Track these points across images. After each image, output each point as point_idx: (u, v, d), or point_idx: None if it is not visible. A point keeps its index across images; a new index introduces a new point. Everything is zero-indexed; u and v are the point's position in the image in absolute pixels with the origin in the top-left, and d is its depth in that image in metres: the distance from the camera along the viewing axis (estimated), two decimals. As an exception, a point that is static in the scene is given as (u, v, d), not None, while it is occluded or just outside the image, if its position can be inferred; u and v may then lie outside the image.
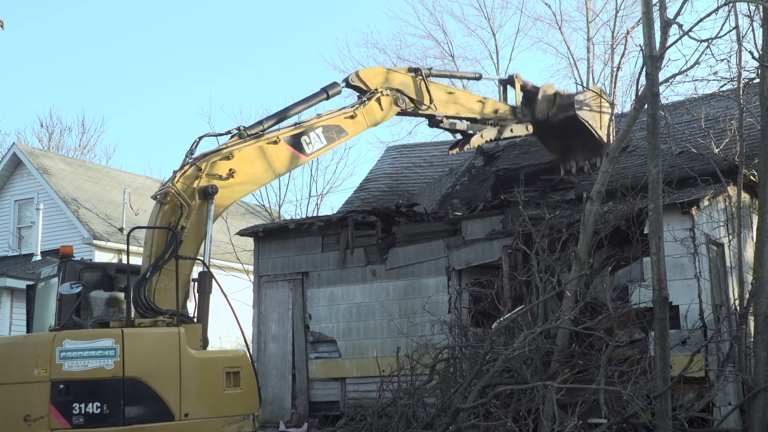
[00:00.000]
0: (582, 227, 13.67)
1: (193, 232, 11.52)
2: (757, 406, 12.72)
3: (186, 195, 11.45)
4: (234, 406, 10.74)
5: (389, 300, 16.76)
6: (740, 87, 15.44)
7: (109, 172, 34.67)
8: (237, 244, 24.51)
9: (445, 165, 23.03)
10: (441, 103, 15.59)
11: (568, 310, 13.16)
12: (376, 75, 14.84)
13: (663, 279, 12.08)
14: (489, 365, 12.61)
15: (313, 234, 17.79)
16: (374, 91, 14.41)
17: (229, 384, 10.73)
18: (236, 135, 12.51)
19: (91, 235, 26.47)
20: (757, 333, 12.97)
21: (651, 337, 12.93)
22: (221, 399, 10.62)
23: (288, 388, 17.48)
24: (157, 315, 10.74)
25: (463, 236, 16.30)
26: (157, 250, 11.23)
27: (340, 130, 13.77)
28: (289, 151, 12.96)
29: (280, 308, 17.89)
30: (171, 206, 11.46)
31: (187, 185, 11.56)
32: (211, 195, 11.61)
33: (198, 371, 10.48)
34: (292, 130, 13.13)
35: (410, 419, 13.18)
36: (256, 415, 11.19)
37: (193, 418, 10.22)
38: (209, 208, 11.61)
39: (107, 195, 30.59)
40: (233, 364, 11.00)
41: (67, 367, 9.80)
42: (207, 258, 11.49)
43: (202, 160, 11.81)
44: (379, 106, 14.44)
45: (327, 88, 14.12)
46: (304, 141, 13.19)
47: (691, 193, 14.39)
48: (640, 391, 12.00)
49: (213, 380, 10.63)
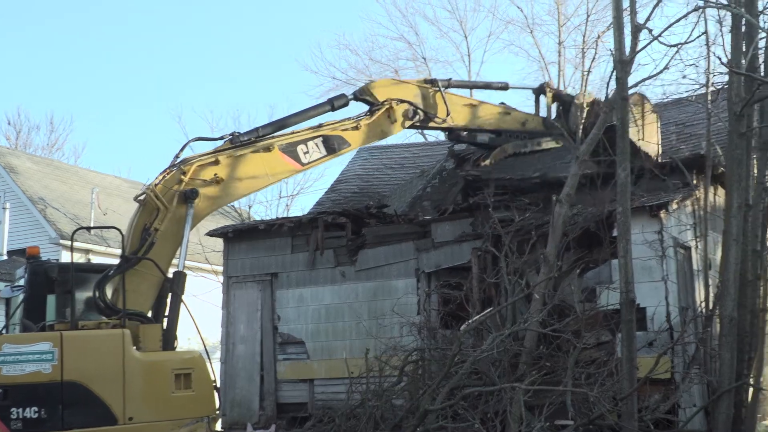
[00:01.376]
0: (551, 230, 13.72)
1: (169, 235, 11.34)
2: (721, 407, 12.83)
3: (166, 198, 11.31)
4: (185, 408, 10.53)
5: (358, 301, 16.74)
6: (708, 92, 15.58)
7: (77, 172, 34.42)
8: (206, 245, 24.34)
9: (416, 167, 23.02)
10: (460, 115, 15.06)
11: (536, 312, 13.21)
12: (387, 87, 14.47)
13: (630, 281, 12.17)
14: (457, 367, 12.62)
15: (283, 235, 17.72)
16: (382, 103, 14.01)
17: (179, 386, 10.53)
18: (229, 140, 12.29)
19: (58, 234, 26.23)
20: (722, 335, 13.07)
21: (618, 339, 13.00)
22: (170, 402, 10.43)
23: (256, 390, 17.40)
24: (116, 314, 10.59)
25: (432, 238, 16.30)
26: (130, 252, 11.10)
27: (342, 141, 13.44)
28: (282, 160, 12.68)
29: (249, 309, 17.81)
30: (149, 208, 11.33)
31: (168, 188, 11.41)
32: (191, 199, 11.43)
33: (143, 373, 10.30)
34: (288, 138, 12.86)
35: (378, 421, 13.15)
36: (213, 417, 11.02)
37: (138, 422, 10.06)
38: (188, 212, 11.45)
39: (75, 194, 30.35)
40: (184, 365, 10.76)
41: (6, 371, 9.68)
42: (182, 261, 11.35)
43: (186, 164, 11.67)
44: (387, 118, 14.04)
45: (333, 99, 13.88)
46: (300, 150, 12.88)
47: (660, 196, 14.49)
48: (607, 393, 12.06)
49: (160, 383, 10.43)
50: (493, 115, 15.69)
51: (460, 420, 12.21)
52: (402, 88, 14.57)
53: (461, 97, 15.77)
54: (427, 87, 14.75)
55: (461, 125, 15.21)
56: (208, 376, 11.04)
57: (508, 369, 13.04)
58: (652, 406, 12.77)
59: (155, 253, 11.11)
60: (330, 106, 13.76)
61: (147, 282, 11.08)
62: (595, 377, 12.40)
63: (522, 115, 16.06)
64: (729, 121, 13.68)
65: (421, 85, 14.80)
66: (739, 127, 13.35)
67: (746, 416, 13.47)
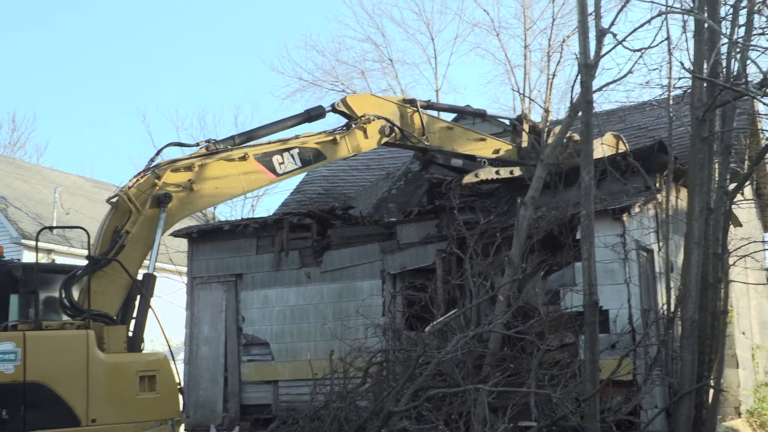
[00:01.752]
0: (515, 232, 13.80)
1: (140, 238, 11.26)
2: (682, 408, 12.96)
3: (138, 201, 11.26)
4: (149, 411, 10.43)
5: (323, 303, 16.72)
6: (670, 96, 15.75)
7: (39, 171, 34.05)
8: (170, 245, 24.18)
9: (382, 169, 23.08)
10: (435, 137, 15.10)
11: (500, 314, 13.29)
12: (365, 102, 14.43)
13: (594, 284, 12.26)
14: (422, 368, 12.66)
15: (248, 236, 17.66)
16: (360, 118, 14.00)
17: (144, 388, 10.43)
18: (204, 147, 12.24)
19: (20, 234, 25.91)
20: (683, 337, 13.21)
21: (581, 341, 13.10)
22: (134, 404, 10.32)
23: (220, 391, 17.32)
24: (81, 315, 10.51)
25: (398, 240, 16.33)
26: (100, 253, 11.03)
27: (318, 154, 13.39)
28: (257, 169, 12.61)
29: (213, 310, 17.73)
30: (121, 210, 11.28)
31: (142, 191, 11.36)
32: (164, 203, 11.37)
33: (107, 375, 10.19)
34: (265, 148, 12.80)
35: (342, 422, 13.16)
36: (177, 420, 10.97)
37: (102, 424, 9.95)
38: (160, 216, 11.39)
39: (38, 194, 30.02)
40: (148, 367, 10.64)
41: None
42: (152, 264, 11.30)
43: (161, 169, 11.63)
44: (363, 134, 14.01)
45: (310, 110, 13.82)
46: (276, 161, 12.80)
47: (623, 199, 14.62)
48: (570, 394, 12.17)
49: (124, 384, 10.33)
50: (468, 140, 15.73)
51: (425, 421, 12.26)
52: (380, 105, 14.58)
53: (438, 119, 15.84)
54: (406, 106, 14.81)
55: (436, 146, 15.24)
56: (172, 378, 10.97)
57: (473, 370, 13.11)
58: (615, 407, 12.89)
59: (125, 256, 11.04)
60: (307, 117, 13.75)
61: (115, 284, 11.01)
62: (558, 379, 12.50)
63: (497, 143, 16.09)
64: (691, 125, 13.82)
65: (399, 104, 14.85)
66: (702, 131, 13.50)
67: (706, 417, 13.63)
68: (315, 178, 24.07)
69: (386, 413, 12.30)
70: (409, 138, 14.75)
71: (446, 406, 12.52)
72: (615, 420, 12.59)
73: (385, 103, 14.75)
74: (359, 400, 13.76)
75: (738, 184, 15.23)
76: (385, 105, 14.64)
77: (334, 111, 14.12)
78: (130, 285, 11.13)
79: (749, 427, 18.03)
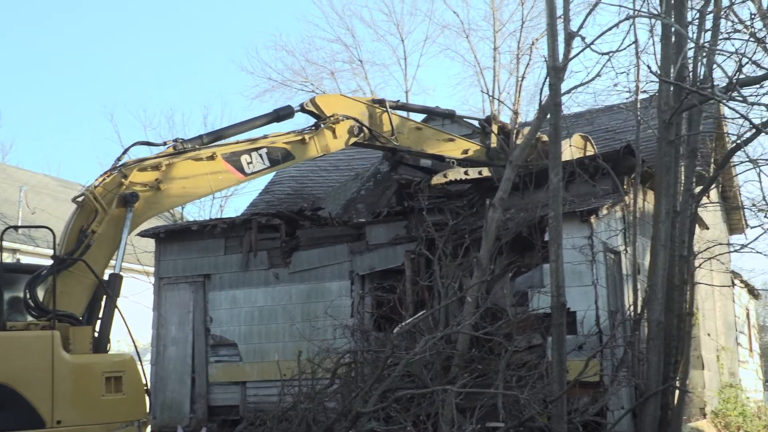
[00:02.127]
0: (484, 234, 13.84)
1: (106, 238, 11.13)
2: (648, 409, 13.07)
3: (105, 201, 11.16)
4: (115, 412, 10.30)
5: (292, 303, 16.69)
6: (637, 100, 15.87)
7: (5, 169, 33.71)
8: (138, 245, 23.96)
9: (351, 169, 23.07)
10: (404, 137, 15.09)
11: (469, 315, 13.32)
12: (334, 102, 14.37)
13: (561, 285, 12.32)
14: (390, 369, 12.66)
15: (216, 236, 17.58)
16: (328, 118, 13.94)
17: (110, 389, 10.29)
18: (172, 146, 12.14)
19: (-16, 233, 25.58)
20: (650, 339, 13.31)
21: (549, 343, 13.16)
22: (99, 405, 10.17)
23: (187, 392, 17.22)
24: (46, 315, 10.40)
25: (366, 241, 16.33)
26: (66, 253, 10.92)
27: (286, 154, 13.29)
28: (225, 168, 12.49)
29: (181, 311, 17.63)
30: (87, 210, 11.18)
31: (108, 191, 11.25)
32: (130, 203, 11.26)
33: (73, 376, 10.04)
34: (233, 148, 12.70)
35: (311, 423, 13.13)
36: (144, 421, 10.89)
37: (67, 425, 9.81)
38: (127, 215, 11.27)
39: (2, 192, 29.71)
40: (114, 368, 10.49)
41: None
42: (119, 264, 11.20)
43: (127, 168, 11.53)
44: (332, 134, 13.96)
45: (279, 110, 13.72)
46: (244, 160, 12.70)
47: (590, 202, 14.71)
48: (537, 396, 12.21)
49: (90, 385, 10.18)
50: (438, 141, 15.73)
51: (393, 422, 12.26)
52: (350, 105, 14.54)
53: (407, 120, 15.82)
54: (375, 107, 14.79)
55: (405, 147, 15.21)
56: (139, 379, 10.86)
57: (441, 371, 13.13)
58: (582, 408, 12.96)
59: (91, 256, 10.93)
60: (275, 117, 13.67)
61: (81, 284, 10.90)
62: (526, 380, 12.55)
63: (465, 144, 16.09)
64: (658, 129, 13.93)
65: (369, 104, 14.83)
66: (668, 135, 13.62)
67: (672, 418, 13.75)
68: (284, 179, 24.01)
69: (354, 414, 12.29)
70: (378, 138, 14.72)
71: (414, 407, 12.53)
72: (582, 421, 12.67)
73: (355, 103, 14.72)
74: (327, 401, 13.74)
75: (704, 187, 15.39)
76: (354, 105, 14.60)
77: (303, 111, 14.07)
78: (96, 285, 11.01)
79: (714, 427, 18.22)
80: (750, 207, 18.72)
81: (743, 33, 13.76)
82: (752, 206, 18.18)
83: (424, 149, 15.55)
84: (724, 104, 15.15)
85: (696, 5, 14.18)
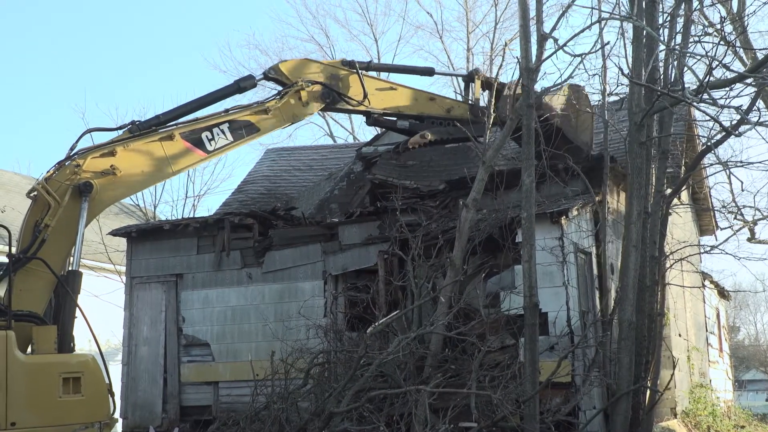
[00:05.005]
0: (457, 234, 13.87)
1: (62, 232, 10.82)
2: (619, 409, 13.17)
3: (58, 192, 10.87)
4: (73, 413, 10.13)
5: (265, 303, 16.63)
6: (606, 102, 15.96)
7: (-26, 167, 33.32)
8: (109, 245, 23.87)
9: (324, 169, 23.03)
10: (378, 99, 14.47)
11: (442, 315, 13.35)
12: (299, 67, 13.80)
13: (534, 286, 12.39)
14: (363, 370, 12.66)
15: (189, 235, 17.48)
16: (293, 84, 13.38)
17: (68, 390, 10.13)
18: (128, 130, 11.74)
19: (-48, 232, 25.32)
20: (621, 339, 13.41)
21: (521, 343, 13.22)
22: (56, 406, 10.02)
23: (159, 393, 17.10)
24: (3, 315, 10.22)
25: (340, 241, 16.32)
26: (22, 249, 10.68)
27: (250, 127, 12.78)
28: (185, 147, 12.06)
29: (153, 311, 17.50)
30: (40, 203, 10.90)
31: (61, 182, 10.93)
32: (85, 193, 10.93)
33: (28, 377, 9.90)
34: (192, 126, 12.26)
35: (283, 424, 13.10)
36: (106, 422, 10.70)
37: (22, 427, 9.66)
38: (82, 206, 10.94)
39: (-29, 191, 29.40)
40: (72, 369, 10.32)
41: None
42: (77, 259, 10.94)
43: (81, 156, 11.19)
44: (299, 100, 13.36)
45: (240, 80, 13.24)
46: (205, 137, 12.25)
47: (561, 203, 14.78)
48: (510, 396, 12.26)
49: (45, 386, 10.04)
50: (416, 100, 15.14)
51: (366, 423, 12.25)
52: (317, 69, 13.97)
53: (380, 80, 15.26)
54: (344, 69, 14.20)
55: (379, 109, 14.63)
56: (100, 379, 10.60)
57: (414, 372, 13.15)
58: (554, 408, 13.04)
59: (47, 251, 10.61)
60: (236, 88, 13.19)
61: (41, 280, 10.61)
62: (498, 380, 12.60)
63: (448, 102, 15.62)
64: (629, 130, 14.04)
65: (337, 66, 14.24)
66: (640, 136, 13.73)
67: (643, 418, 13.87)
68: (257, 178, 23.94)
69: (327, 414, 12.28)
70: (349, 102, 14.17)
71: (388, 407, 12.54)
72: (554, 421, 12.74)
73: (322, 66, 14.18)
74: (300, 401, 13.71)
75: (675, 188, 15.55)
76: (321, 69, 14.02)
77: (266, 79, 13.65)
78: (55, 281, 10.77)
79: (684, 427, 18.37)
80: (720, 209, 18.96)
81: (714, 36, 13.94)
82: (722, 208, 18.44)
83: (401, 110, 14.98)
84: (694, 107, 15.32)
85: (667, 9, 14.32)
